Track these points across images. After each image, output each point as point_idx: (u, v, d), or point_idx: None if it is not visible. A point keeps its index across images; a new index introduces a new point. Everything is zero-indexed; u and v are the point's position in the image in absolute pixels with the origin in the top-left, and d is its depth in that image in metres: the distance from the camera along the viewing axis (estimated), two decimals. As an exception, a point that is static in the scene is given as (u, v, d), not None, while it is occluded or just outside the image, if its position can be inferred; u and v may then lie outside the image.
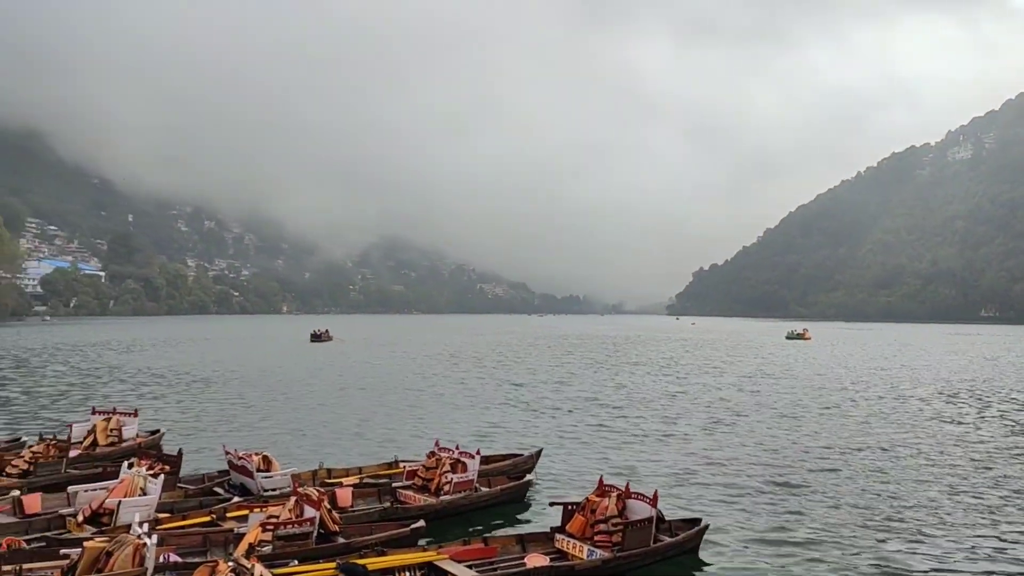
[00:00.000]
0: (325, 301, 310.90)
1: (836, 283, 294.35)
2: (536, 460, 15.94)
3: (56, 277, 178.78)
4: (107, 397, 28.09)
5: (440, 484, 13.08)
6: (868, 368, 48.06)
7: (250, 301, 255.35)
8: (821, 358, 58.23)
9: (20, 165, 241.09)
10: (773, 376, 41.16)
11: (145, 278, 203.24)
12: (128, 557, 7.92)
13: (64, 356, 49.99)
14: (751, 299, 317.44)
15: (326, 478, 14.04)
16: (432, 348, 66.89)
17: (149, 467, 12.48)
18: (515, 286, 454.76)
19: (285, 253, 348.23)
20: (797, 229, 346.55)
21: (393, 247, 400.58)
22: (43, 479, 13.66)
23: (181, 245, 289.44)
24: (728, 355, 60.37)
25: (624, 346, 73.41)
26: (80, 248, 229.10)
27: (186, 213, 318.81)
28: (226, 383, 34.17)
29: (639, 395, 31.27)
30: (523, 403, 28.38)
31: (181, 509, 11.88)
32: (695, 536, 11.08)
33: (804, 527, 12.52)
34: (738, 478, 16.01)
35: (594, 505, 10.76)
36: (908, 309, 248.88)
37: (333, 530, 10.48)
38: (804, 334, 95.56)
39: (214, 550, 10.08)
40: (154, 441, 17.55)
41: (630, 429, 22.41)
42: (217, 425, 22.29)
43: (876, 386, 36.29)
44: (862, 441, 20.80)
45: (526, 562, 10.02)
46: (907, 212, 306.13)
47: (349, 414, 25.03)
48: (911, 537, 12.11)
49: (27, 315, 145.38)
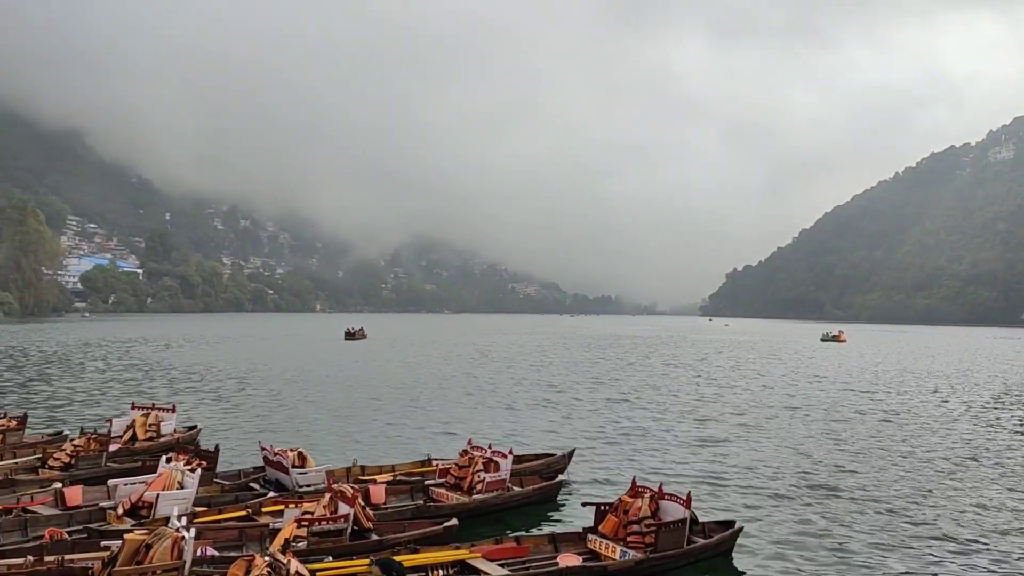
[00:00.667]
0: (357, 300, 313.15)
1: (873, 285, 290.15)
2: (569, 460, 15.91)
3: (95, 274, 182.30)
4: (146, 393, 28.56)
5: (473, 483, 13.11)
6: (905, 372, 47.28)
7: (284, 299, 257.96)
8: (856, 361, 57.41)
9: (61, 164, 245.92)
10: (807, 378, 40.67)
11: (181, 276, 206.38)
12: (167, 550, 8.02)
13: (103, 352, 50.92)
14: (785, 301, 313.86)
15: (360, 475, 14.13)
16: (464, 347, 67.07)
17: (186, 462, 12.64)
18: (547, 286, 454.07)
19: (319, 252, 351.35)
20: (833, 230, 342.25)
21: (425, 246, 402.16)
22: (84, 472, 13.92)
23: (217, 243, 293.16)
24: (761, 357, 59.76)
25: (656, 347, 73.01)
26: (119, 246, 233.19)
27: (222, 212, 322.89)
28: (262, 380, 34.55)
29: (672, 396, 31.08)
30: (556, 403, 28.33)
31: (217, 504, 12.03)
32: (729, 538, 10.98)
33: (839, 532, 12.34)
34: (773, 481, 15.84)
35: (627, 506, 10.71)
36: (946, 312, 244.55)
37: (367, 527, 10.55)
38: (839, 336, 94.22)
39: (250, 544, 10.21)
40: (192, 436, 17.81)
41: (663, 430, 22.29)
42: (253, 422, 22.56)
43: (913, 391, 35.70)
44: (898, 447, 20.47)
45: (559, 562, 10.00)
46: (946, 213, 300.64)
47: (383, 412, 25.18)
48: (948, 546, 11.89)
49: (67, 311, 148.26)
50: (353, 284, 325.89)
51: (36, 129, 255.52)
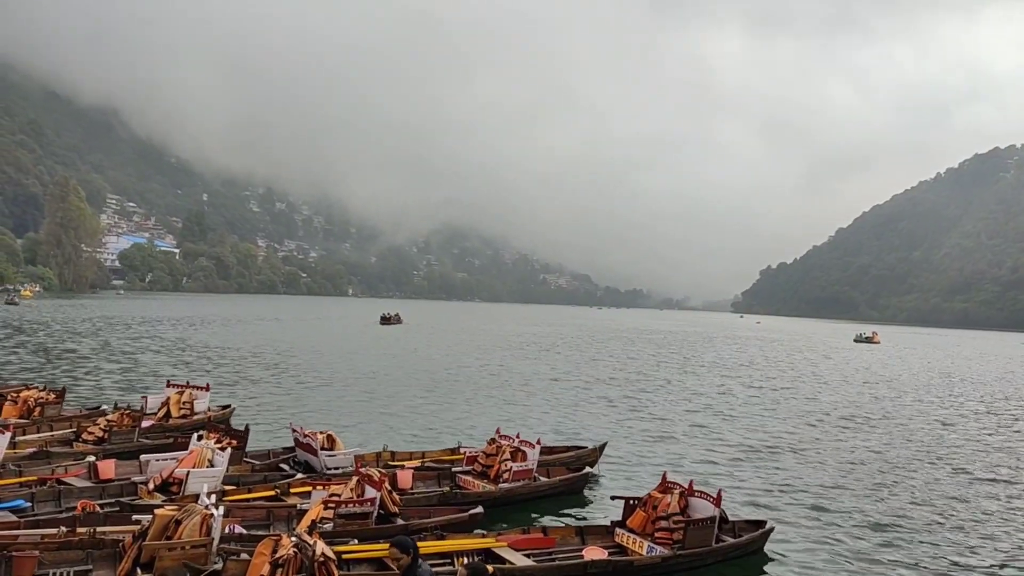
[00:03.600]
0: (389, 285, 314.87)
1: (910, 287, 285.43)
2: (600, 453, 15.82)
3: (133, 252, 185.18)
4: (182, 371, 28.93)
5: (499, 471, 13.08)
6: (940, 376, 46.44)
7: (317, 283, 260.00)
8: (891, 363, 56.53)
9: (101, 143, 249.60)
10: (841, 380, 40.12)
11: (217, 256, 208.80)
12: (196, 526, 8.09)
13: (142, 331, 51.72)
14: (819, 300, 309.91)
15: (389, 460, 14.18)
16: (497, 337, 67.16)
17: (217, 440, 12.77)
18: (578, 277, 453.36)
19: (352, 237, 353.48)
20: (870, 230, 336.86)
21: (457, 235, 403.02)
22: (117, 447, 14.11)
23: (253, 225, 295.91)
24: (793, 356, 59.06)
25: (688, 344, 72.49)
26: (156, 225, 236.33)
27: (258, 194, 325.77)
28: (298, 362, 34.84)
29: (706, 394, 30.80)
30: (590, 396, 28.22)
31: (247, 483, 12.13)
32: (759, 538, 10.83)
33: (871, 539, 12.12)
34: (807, 483, 15.62)
35: (656, 501, 10.59)
36: (985, 316, 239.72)
37: (393, 511, 10.56)
38: (873, 337, 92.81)
39: (277, 524, 10.27)
40: (224, 415, 17.98)
41: (697, 428, 22.11)
42: (287, 403, 22.75)
43: (951, 396, 35.05)
44: (936, 455, 20.10)
45: (584, 554, 9.93)
46: (988, 216, 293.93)
47: (416, 398, 25.28)
48: (979, 549, 11.65)
49: (104, 288, 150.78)
50: (385, 270, 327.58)
51: (75, 106, 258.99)
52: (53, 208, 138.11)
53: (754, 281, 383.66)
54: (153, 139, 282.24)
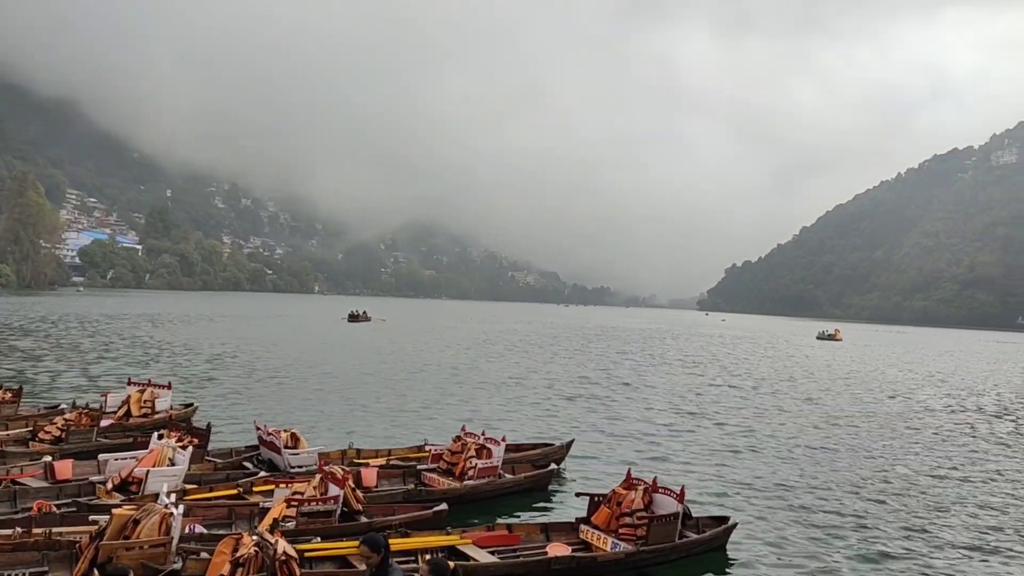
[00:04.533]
0: (356, 283, 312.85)
1: (871, 285, 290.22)
2: (567, 451, 15.87)
3: (94, 249, 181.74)
4: (143, 369, 28.48)
5: (464, 469, 13.08)
6: (899, 371, 47.30)
7: (283, 280, 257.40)
8: (852, 360, 57.43)
9: (62, 136, 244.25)
10: (803, 377, 40.67)
11: (181, 253, 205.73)
12: (155, 525, 7.98)
13: (102, 328, 50.83)
14: (784, 298, 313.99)
15: (355, 458, 14.13)
16: (466, 335, 67.04)
17: (178, 439, 12.61)
18: (546, 275, 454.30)
19: (319, 233, 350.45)
20: (834, 229, 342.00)
21: (425, 232, 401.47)
22: (74, 446, 13.87)
23: (217, 222, 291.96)
24: (757, 353, 59.76)
25: (654, 341, 73.01)
26: (118, 221, 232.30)
27: (223, 190, 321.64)
28: (265, 360, 34.45)
29: (671, 392, 31.03)
30: (557, 393, 28.28)
31: (208, 482, 11.99)
32: (722, 534, 10.94)
33: (833, 530, 12.32)
34: (770, 479, 15.82)
35: (620, 498, 10.66)
36: (944, 314, 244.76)
37: (356, 509, 10.52)
38: (836, 335, 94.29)
39: (239, 523, 10.17)
40: (186, 414, 17.75)
41: (663, 425, 22.26)
42: (253, 401, 22.51)
43: (909, 391, 35.70)
44: (894, 447, 20.48)
45: (548, 551, 9.96)
46: (947, 216, 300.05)
47: (384, 396, 25.15)
48: (941, 541, 11.89)
49: (64, 285, 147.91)
50: (352, 267, 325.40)
51: (32, 98, 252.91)
52: (10, 204, 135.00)
53: (720, 279, 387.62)
54: (114, 133, 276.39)
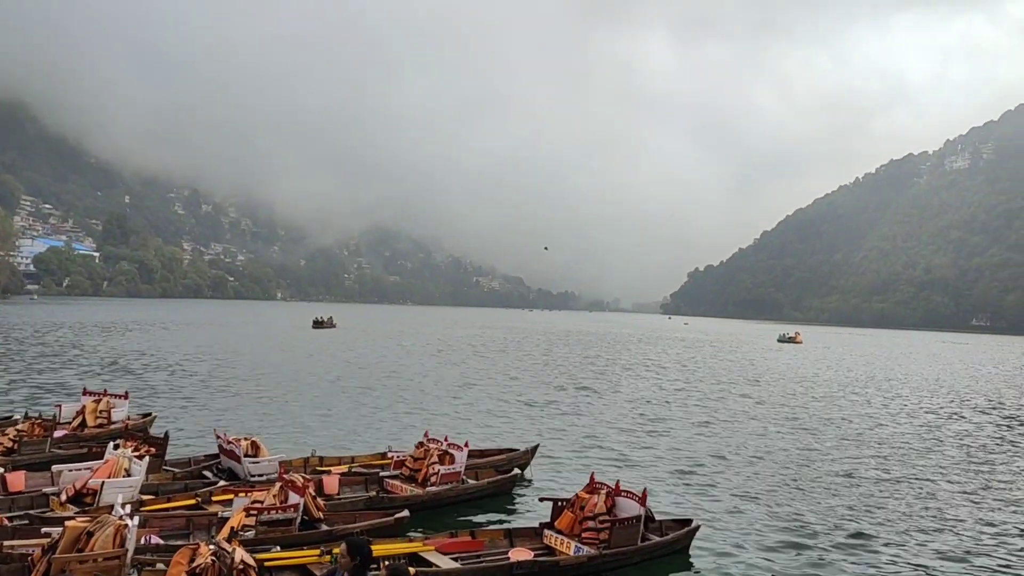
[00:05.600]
0: (319, 289, 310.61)
1: (831, 288, 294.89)
2: (532, 456, 15.88)
3: (49, 256, 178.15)
4: (100, 378, 27.93)
5: (427, 475, 13.02)
6: (857, 372, 48.10)
7: (245, 286, 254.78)
8: (812, 361, 58.30)
9: (13, 140, 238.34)
10: (765, 379, 41.17)
11: (140, 260, 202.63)
12: (109, 537, 7.82)
13: (58, 337, 49.77)
14: (745, 301, 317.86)
15: (317, 465, 14.01)
16: (431, 340, 66.81)
17: (135, 448, 12.38)
18: (511, 280, 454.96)
19: (281, 239, 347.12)
20: (794, 232, 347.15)
21: (388, 237, 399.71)
22: (27, 458, 13.54)
23: (178, 228, 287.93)
24: (719, 356, 60.39)
25: (617, 345, 73.42)
26: (75, 228, 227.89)
27: (183, 196, 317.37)
28: (228, 368, 33.99)
29: (635, 395, 31.22)
30: (521, 398, 28.29)
31: (166, 492, 11.79)
32: (685, 536, 11.00)
33: (796, 533, 12.45)
34: (733, 481, 15.96)
35: (583, 502, 10.68)
36: (901, 316, 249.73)
37: (317, 517, 10.41)
38: (796, 337, 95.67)
39: (197, 533, 10.02)
40: (143, 424, 17.42)
41: (627, 428, 22.35)
42: (214, 410, 22.20)
43: (866, 390, 36.31)
44: (852, 444, 20.80)
45: (510, 556, 9.95)
46: (904, 220, 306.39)
47: (349, 402, 24.99)
48: (901, 541, 12.08)
49: (18, 293, 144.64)
50: (315, 273, 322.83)
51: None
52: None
53: (682, 283, 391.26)
54: (68, 136, 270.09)
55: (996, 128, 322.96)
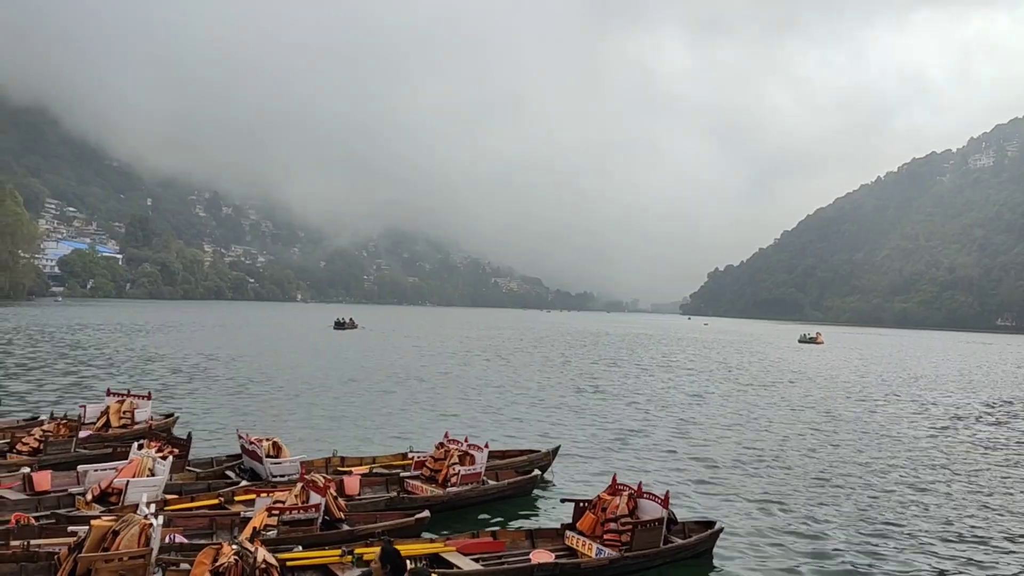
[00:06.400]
0: (339, 290, 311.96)
1: (852, 288, 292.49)
2: (553, 457, 15.84)
3: (74, 258, 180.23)
4: (123, 379, 28.20)
5: (447, 476, 13.03)
6: (881, 373, 47.63)
7: (265, 288, 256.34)
8: (834, 362, 57.81)
9: (36, 145, 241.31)
10: (787, 380, 40.89)
11: (162, 262, 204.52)
12: (134, 536, 7.88)
13: (83, 338, 50.31)
14: (765, 301, 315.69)
15: (339, 466, 14.08)
16: (450, 340, 66.94)
17: (158, 449, 12.48)
18: (529, 281, 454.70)
19: (301, 241, 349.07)
20: (815, 232, 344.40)
21: (406, 239, 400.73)
22: (53, 457, 13.68)
23: (199, 230, 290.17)
24: (740, 357, 60.04)
25: (638, 345, 73.19)
26: (98, 230, 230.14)
27: (204, 199, 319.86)
28: (251, 370, 34.18)
29: (657, 396, 31.05)
30: (542, 399, 28.23)
31: (189, 491, 11.89)
32: (708, 539, 10.92)
33: (822, 535, 12.32)
34: (757, 483, 15.84)
35: (605, 503, 10.64)
36: (924, 315, 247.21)
37: (338, 517, 10.44)
38: (817, 338, 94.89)
39: (220, 533, 10.09)
40: (166, 424, 17.57)
41: (650, 430, 22.23)
42: (237, 410, 22.35)
43: (889, 392, 35.95)
44: (878, 448, 20.60)
45: (531, 558, 9.93)
46: (926, 218, 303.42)
47: (370, 403, 25.07)
48: (925, 546, 11.94)
49: (43, 295, 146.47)
50: (334, 275, 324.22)
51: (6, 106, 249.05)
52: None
53: (702, 283, 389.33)
54: (89, 140, 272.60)
55: (1021, 125, 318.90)
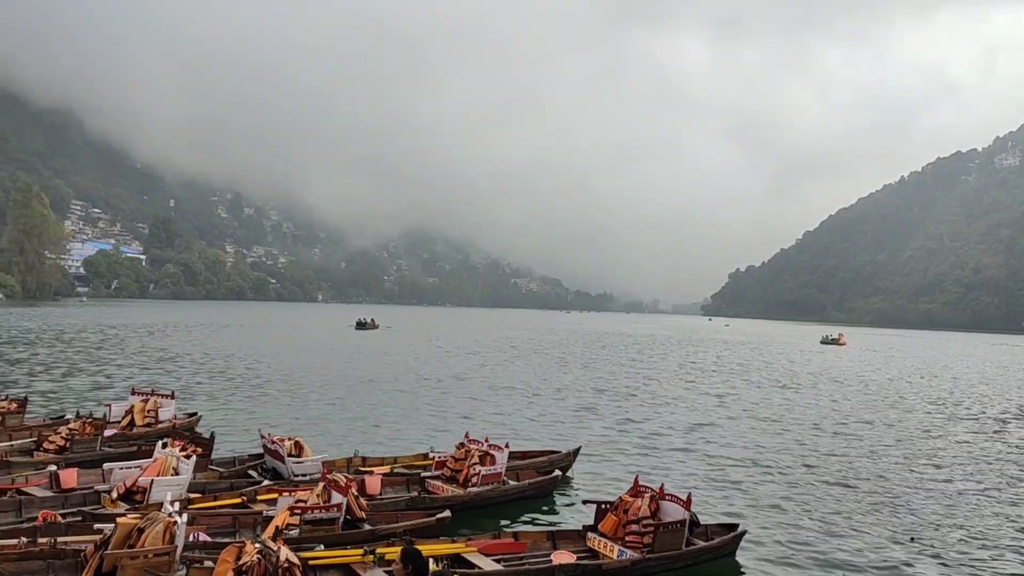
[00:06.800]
0: (359, 291, 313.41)
1: (875, 288, 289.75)
2: (574, 458, 15.82)
3: (98, 259, 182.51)
4: (147, 378, 28.48)
5: (468, 476, 13.05)
6: (904, 376, 47.16)
7: (286, 288, 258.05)
8: (856, 364, 57.30)
9: (61, 147, 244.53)
10: (810, 381, 40.59)
11: (184, 263, 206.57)
12: (159, 534, 7.97)
13: (107, 338, 50.87)
14: (787, 302, 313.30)
15: (360, 466, 14.14)
16: (470, 341, 67.08)
17: (182, 448, 12.59)
18: (549, 282, 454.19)
19: (322, 242, 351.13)
20: (837, 232, 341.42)
21: (425, 239, 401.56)
22: (79, 456, 13.86)
23: (221, 231, 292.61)
24: (762, 358, 59.65)
25: (659, 347, 72.94)
26: (122, 231, 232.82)
27: (226, 200, 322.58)
28: (273, 369, 34.45)
29: (679, 397, 30.91)
30: (563, 400, 28.19)
31: (212, 490, 11.99)
32: (731, 541, 10.84)
33: (846, 539, 12.20)
34: (780, 485, 15.73)
35: (627, 505, 10.60)
36: (948, 317, 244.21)
37: (360, 517, 10.48)
38: (839, 339, 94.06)
39: (243, 531, 10.17)
40: (189, 423, 17.73)
41: (671, 431, 22.14)
42: (259, 410, 22.51)
43: (913, 394, 35.59)
44: (903, 451, 20.40)
45: (552, 559, 9.91)
46: (951, 218, 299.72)
47: (392, 403, 25.17)
48: (950, 548, 11.80)
49: (69, 295, 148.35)
50: (355, 275, 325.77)
51: (32, 108, 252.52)
52: (15, 215, 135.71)
53: (723, 284, 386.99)
54: (113, 142, 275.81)
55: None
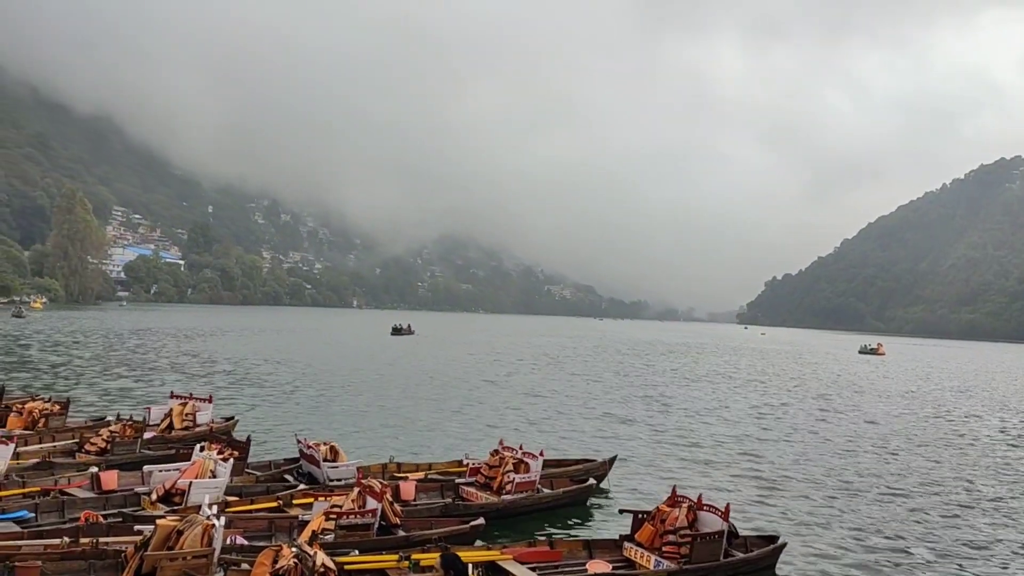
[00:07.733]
0: (393, 297, 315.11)
1: (916, 298, 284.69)
2: (610, 467, 15.70)
3: (139, 264, 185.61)
4: (185, 382, 28.85)
5: (502, 483, 12.99)
6: (946, 388, 46.19)
7: (322, 294, 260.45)
8: (896, 375, 56.27)
9: (103, 154, 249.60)
10: (849, 393, 39.98)
11: (222, 268, 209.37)
12: (197, 537, 8.04)
13: (149, 342, 51.69)
14: (825, 311, 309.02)
15: (395, 472, 14.15)
16: (504, 348, 67.15)
17: (219, 451, 12.72)
18: (582, 289, 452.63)
19: (357, 248, 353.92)
20: (876, 240, 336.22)
21: (459, 245, 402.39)
22: (119, 458, 14.06)
23: (257, 237, 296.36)
24: (799, 368, 58.83)
25: (695, 356, 72.31)
26: (162, 237, 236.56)
27: (263, 206, 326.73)
28: (312, 374, 34.79)
29: (718, 408, 30.55)
30: (599, 408, 28.05)
31: (249, 494, 12.08)
32: (771, 554, 10.66)
33: (886, 553, 11.96)
34: (818, 496, 15.49)
35: (664, 515, 10.46)
36: (992, 327, 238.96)
37: (394, 522, 10.49)
38: (878, 349, 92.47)
39: (279, 535, 10.22)
40: (226, 427, 17.91)
41: (710, 441, 21.94)
42: (297, 414, 22.73)
43: (956, 407, 34.83)
44: (944, 465, 19.95)
45: (588, 568, 9.82)
46: (995, 226, 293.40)
47: (427, 409, 25.26)
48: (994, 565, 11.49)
49: (110, 300, 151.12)
50: (389, 281, 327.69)
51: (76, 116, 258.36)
52: (60, 220, 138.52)
53: (759, 292, 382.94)
54: (151, 149, 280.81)
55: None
